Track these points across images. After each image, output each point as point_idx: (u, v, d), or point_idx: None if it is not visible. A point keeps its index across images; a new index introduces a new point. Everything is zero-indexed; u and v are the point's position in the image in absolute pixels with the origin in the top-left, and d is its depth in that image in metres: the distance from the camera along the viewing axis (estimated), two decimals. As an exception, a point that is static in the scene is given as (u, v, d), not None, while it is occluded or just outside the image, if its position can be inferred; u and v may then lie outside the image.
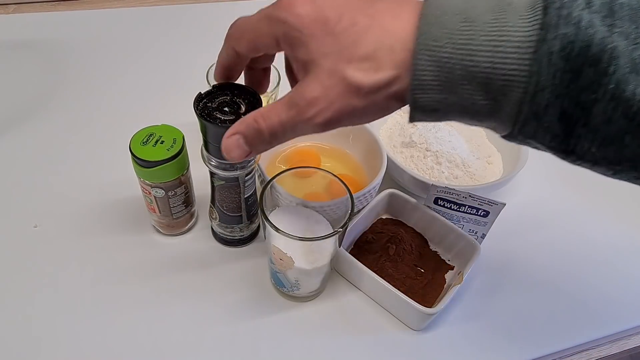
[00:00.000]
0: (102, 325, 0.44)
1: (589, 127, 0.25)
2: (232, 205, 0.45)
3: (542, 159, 0.61)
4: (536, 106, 0.25)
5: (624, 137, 0.25)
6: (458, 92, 0.27)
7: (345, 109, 0.29)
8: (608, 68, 0.23)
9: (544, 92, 0.24)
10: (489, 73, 0.25)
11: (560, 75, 0.24)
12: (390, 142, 0.59)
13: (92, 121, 0.62)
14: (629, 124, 0.24)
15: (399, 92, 0.28)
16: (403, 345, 0.45)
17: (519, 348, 0.46)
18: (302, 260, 0.41)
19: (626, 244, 0.56)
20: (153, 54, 0.73)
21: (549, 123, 0.25)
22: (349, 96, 0.28)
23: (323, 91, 0.29)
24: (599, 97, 0.24)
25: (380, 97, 0.28)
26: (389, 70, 0.27)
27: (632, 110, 0.24)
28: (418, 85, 0.27)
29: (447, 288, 0.48)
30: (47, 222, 0.51)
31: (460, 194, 0.47)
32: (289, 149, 0.56)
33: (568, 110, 0.25)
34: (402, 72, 0.27)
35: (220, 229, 0.49)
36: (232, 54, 0.34)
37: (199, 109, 0.36)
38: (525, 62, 0.24)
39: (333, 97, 0.29)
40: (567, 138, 0.26)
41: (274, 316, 0.46)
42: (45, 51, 0.71)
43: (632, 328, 0.49)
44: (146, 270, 0.48)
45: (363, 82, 0.28)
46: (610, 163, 0.26)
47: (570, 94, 0.24)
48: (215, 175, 0.43)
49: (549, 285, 0.51)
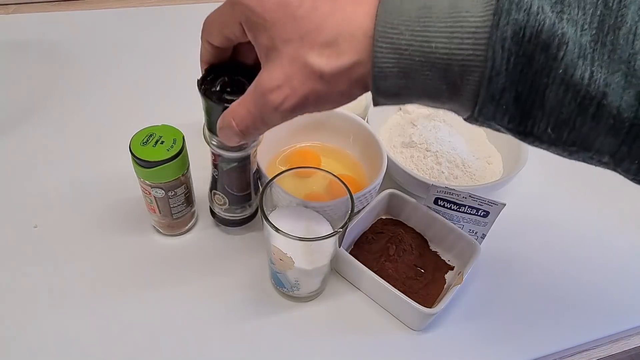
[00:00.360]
0: (102, 326, 0.44)
1: (544, 110, 0.26)
2: (242, 185, 0.45)
3: (542, 159, 0.61)
4: (492, 90, 0.26)
5: (575, 120, 0.25)
6: (418, 78, 0.27)
7: (309, 95, 0.29)
8: (558, 53, 0.24)
9: (499, 77, 0.25)
10: (447, 59, 0.26)
11: (514, 60, 0.25)
12: (390, 142, 0.59)
13: (92, 121, 0.62)
14: (578, 107, 0.25)
15: (360, 77, 0.29)
16: (403, 346, 0.45)
17: (519, 348, 0.46)
18: (302, 261, 0.41)
19: (626, 244, 0.56)
20: (153, 54, 0.73)
21: (506, 105, 0.26)
22: (311, 82, 0.29)
23: (285, 78, 0.29)
24: (550, 81, 0.25)
25: (343, 82, 0.29)
26: (350, 56, 0.28)
27: (580, 95, 0.24)
28: (379, 72, 0.28)
29: (447, 288, 0.48)
30: (47, 222, 0.51)
31: (460, 194, 0.47)
32: (289, 149, 0.56)
33: (523, 93, 0.26)
34: (363, 58, 0.28)
35: (229, 212, 0.48)
36: (209, 48, 0.34)
37: (203, 91, 0.36)
38: (481, 47, 0.25)
39: (296, 84, 0.29)
40: (523, 120, 0.27)
41: (274, 316, 0.46)
42: (45, 51, 0.71)
43: (632, 328, 0.49)
44: (146, 271, 0.48)
45: (325, 68, 0.28)
46: (565, 144, 0.27)
47: (524, 78, 0.25)
48: (223, 159, 0.42)
49: (549, 286, 0.51)
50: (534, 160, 0.55)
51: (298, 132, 0.56)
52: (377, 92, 0.29)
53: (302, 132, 0.56)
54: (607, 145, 0.26)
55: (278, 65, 0.29)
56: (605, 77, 0.24)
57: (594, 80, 0.24)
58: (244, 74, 0.37)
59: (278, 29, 0.29)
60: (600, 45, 0.24)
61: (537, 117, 0.26)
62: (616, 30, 0.24)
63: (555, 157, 0.29)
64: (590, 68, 0.24)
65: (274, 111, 0.31)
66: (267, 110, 0.31)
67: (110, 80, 0.68)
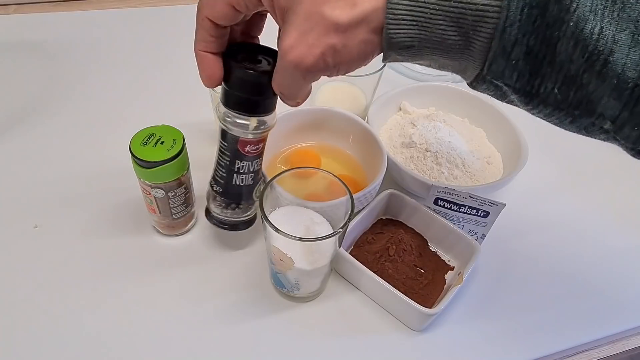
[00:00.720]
0: (102, 326, 0.44)
1: (554, 66, 0.26)
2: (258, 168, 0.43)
3: (542, 160, 0.61)
4: (505, 42, 0.26)
5: (582, 77, 0.26)
6: (431, 27, 0.27)
7: (325, 49, 0.29)
8: (571, 5, 0.24)
9: (512, 28, 0.25)
10: (461, 8, 0.26)
11: (528, 10, 0.25)
12: (390, 142, 0.59)
13: (92, 121, 0.62)
14: (586, 62, 0.25)
15: (377, 27, 0.28)
16: (403, 346, 0.45)
17: (519, 348, 0.46)
18: (302, 261, 0.41)
19: (626, 244, 0.56)
20: (153, 54, 0.73)
21: (516, 60, 0.26)
22: (327, 35, 0.29)
23: (301, 35, 0.29)
24: (562, 34, 0.25)
25: (359, 33, 0.29)
26: (365, 4, 0.28)
27: (588, 49, 0.25)
28: (393, 20, 0.27)
29: (447, 288, 0.48)
30: (47, 222, 0.51)
31: (460, 195, 0.47)
32: (289, 149, 0.56)
33: (535, 47, 0.26)
34: (378, 6, 0.28)
35: (234, 212, 0.46)
36: (208, 27, 0.33)
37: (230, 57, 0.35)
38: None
39: (311, 40, 0.29)
40: (532, 77, 0.27)
41: (274, 316, 0.46)
42: (45, 51, 0.71)
43: (632, 328, 0.49)
44: (146, 271, 0.48)
45: (340, 18, 0.28)
46: (570, 106, 0.27)
47: (536, 30, 0.25)
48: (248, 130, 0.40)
49: (548, 286, 0.51)
50: (534, 160, 0.55)
51: (298, 132, 0.56)
52: (389, 43, 0.29)
53: (302, 132, 0.56)
54: (609, 108, 0.26)
55: (294, 24, 0.29)
56: (614, 34, 0.24)
57: (603, 35, 0.24)
58: (262, 53, 0.36)
59: None
60: (611, 3, 0.24)
61: (546, 74, 0.26)
62: None
63: (555, 158, 0.29)
64: (600, 24, 0.24)
65: (294, 70, 0.30)
66: (289, 71, 0.31)
67: (110, 80, 0.68)
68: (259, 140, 0.41)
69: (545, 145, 0.57)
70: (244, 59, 0.36)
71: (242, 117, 0.38)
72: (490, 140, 0.61)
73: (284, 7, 0.30)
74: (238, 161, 0.41)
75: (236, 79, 0.36)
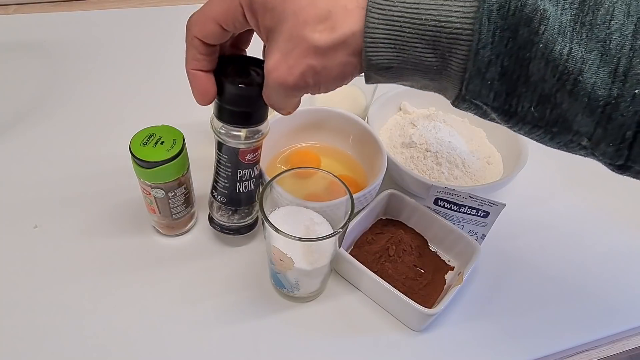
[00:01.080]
0: (102, 326, 0.44)
1: (528, 85, 0.27)
2: (258, 173, 0.45)
3: (542, 160, 0.61)
4: (479, 63, 0.27)
5: (555, 96, 0.26)
6: (408, 50, 0.28)
7: (305, 70, 0.30)
8: (539, 27, 0.25)
9: (486, 50, 0.26)
10: (436, 31, 0.27)
11: (499, 33, 0.26)
12: (390, 142, 0.59)
13: (92, 122, 0.62)
14: (557, 82, 0.26)
15: (356, 50, 0.29)
16: (403, 346, 0.45)
17: (519, 348, 0.46)
18: (302, 261, 0.41)
19: (626, 244, 0.56)
20: (153, 54, 0.73)
21: (491, 80, 0.27)
22: (307, 56, 0.30)
23: (282, 56, 0.30)
24: (533, 55, 0.26)
25: (339, 55, 0.30)
26: (344, 28, 0.29)
27: (559, 70, 0.25)
28: (371, 43, 0.28)
29: (447, 289, 0.48)
30: (47, 222, 0.51)
31: (460, 195, 0.47)
32: (289, 149, 0.56)
33: (509, 67, 0.27)
34: (357, 30, 0.29)
35: (242, 216, 0.47)
36: (198, 45, 0.34)
37: (218, 74, 0.36)
38: (469, 20, 0.26)
39: (292, 61, 0.30)
40: (509, 97, 0.28)
41: (273, 317, 0.46)
42: (45, 51, 0.71)
43: (632, 329, 0.49)
44: (146, 271, 0.48)
45: (320, 42, 0.29)
46: (547, 124, 0.28)
47: (509, 52, 0.26)
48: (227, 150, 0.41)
49: (548, 286, 0.51)
50: (534, 161, 0.55)
51: (298, 132, 0.56)
52: (368, 65, 0.29)
53: (302, 132, 0.56)
54: (584, 125, 0.27)
55: (277, 44, 0.30)
56: (583, 54, 0.25)
57: (572, 56, 0.25)
58: (253, 64, 0.37)
59: (276, 8, 0.29)
60: (579, 24, 0.25)
61: (522, 93, 0.27)
62: (595, 11, 0.25)
63: (555, 158, 0.29)
64: (569, 45, 0.25)
65: (278, 88, 0.32)
66: (274, 88, 0.32)
67: (110, 80, 0.68)
68: (257, 147, 0.42)
69: (545, 145, 0.56)
70: (235, 72, 0.37)
71: (237, 129, 0.40)
72: (490, 140, 0.61)
73: (268, 28, 0.31)
74: (240, 170, 0.43)
75: (229, 94, 0.37)
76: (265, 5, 0.30)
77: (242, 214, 0.47)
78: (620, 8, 0.25)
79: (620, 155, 0.27)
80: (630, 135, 0.26)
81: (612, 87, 0.25)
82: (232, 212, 0.47)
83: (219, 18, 0.32)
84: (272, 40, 0.31)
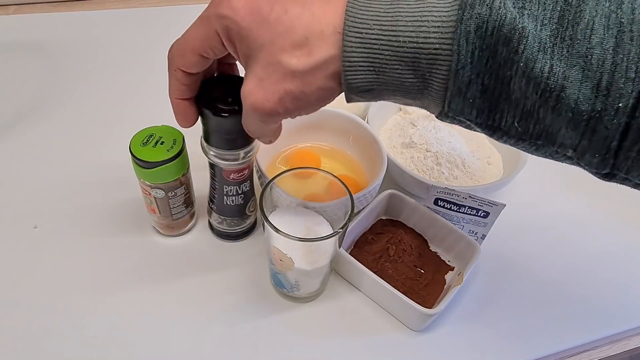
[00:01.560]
0: (102, 326, 0.44)
1: (510, 102, 0.27)
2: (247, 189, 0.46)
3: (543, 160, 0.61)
4: (459, 83, 0.26)
5: (538, 111, 0.26)
6: (388, 72, 0.28)
7: (283, 96, 0.30)
8: (518, 47, 0.25)
9: (465, 70, 0.26)
10: (414, 53, 0.27)
11: (478, 53, 0.26)
12: (390, 142, 0.59)
13: (92, 122, 0.62)
14: (539, 99, 0.26)
15: (334, 73, 0.29)
16: (403, 346, 0.45)
17: (519, 349, 0.46)
18: (302, 261, 0.41)
19: (626, 244, 0.56)
20: (153, 54, 0.72)
21: (473, 99, 0.27)
22: (285, 82, 0.29)
23: (259, 82, 0.30)
24: (513, 73, 0.25)
25: (317, 79, 0.29)
26: (321, 53, 0.28)
27: (540, 87, 0.25)
28: (349, 67, 0.28)
29: (447, 289, 0.48)
30: (47, 222, 0.51)
31: (460, 195, 0.47)
32: (289, 149, 0.56)
33: (490, 85, 0.26)
34: (334, 54, 0.28)
35: (229, 226, 0.49)
36: (181, 76, 0.34)
37: (200, 101, 0.37)
38: (447, 41, 0.26)
39: (269, 86, 0.30)
40: (491, 113, 0.27)
41: (273, 317, 0.46)
42: (45, 52, 0.71)
43: (632, 329, 0.49)
44: (146, 271, 0.48)
45: (297, 67, 0.29)
46: (531, 138, 0.28)
47: (489, 70, 0.26)
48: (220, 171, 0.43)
49: (549, 286, 0.51)
50: (534, 161, 0.55)
51: (298, 133, 0.56)
52: (348, 88, 0.29)
53: (302, 133, 0.56)
54: (569, 138, 0.27)
55: (253, 71, 0.30)
56: (564, 70, 0.25)
57: (554, 73, 0.25)
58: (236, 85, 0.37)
59: (253, 35, 0.29)
60: (559, 40, 0.25)
61: (504, 109, 0.27)
62: (575, 26, 0.25)
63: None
64: (550, 61, 0.25)
65: (254, 114, 0.32)
66: (250, 114, 0.32)
67: (110, 80, 0.68)
68: (242, 168, 0.42)
69: (545, 145, 0.57)
70: (218, 96, 0.37)
71: (216, 150, 0.40)
72: (490, 140, 0.61)
73: (246, 55, 0.31)
74: (225, 186, 0.44)
75: (208, 120, 0.38)
76: (240, 32, 0.30)
77: (232, 223, 0.48)
78: (600, 21, 0.25)
79: (606, 165, 0.27)
80: (615, 146, 0.26)
81: (596, 102, 0.25)
82: (222, 220, 0.48)
83: (197, 48, 0.32)
84: (250, 66, 0.31)
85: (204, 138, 0.41)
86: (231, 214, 0.47)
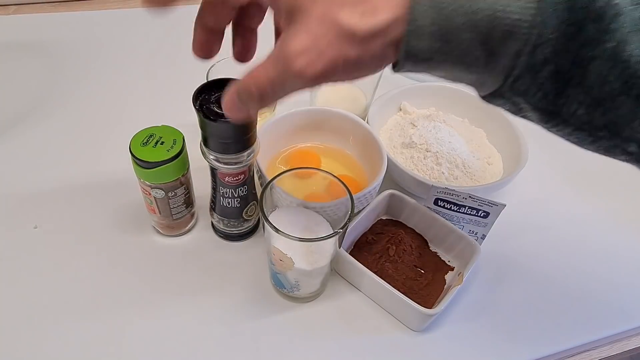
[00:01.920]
0: (102, 326, 0.44)
1: (582, 87, 0.24)
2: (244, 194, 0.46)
3: (542, 160, 0.61)
4: (534, 60, 0.24)
5: (616, 99, 0.24)
6: (456, 40, 0.25)
7: (337, 59, 0.26)
8: (610, 25, 0.22)
9: (544, 46, 0.23)
10: (491, 21, 0.24)
11: (564, 28, 0.23)
12: (390, 142, 0.59)
13: (92, 122, 0.62)
14: (622, 86, 0.23)
15: (396, 39, 0.26)
16: (403, 346, 0.45)
17: (519, 349, 0.46)
18: (302, 261, 0.41)
19: (626, 244, 0.56)
20: (153, 54, 0.73)
21: (542, 80, 0.25)
22: (341, 44, 0.25)
23: (312, 40, 0.26)
24: (597, 54, 0.23)
25: (377, 44, 0.26)
26: (386, 13, 0.25)
27: (627, 72, 0.23)
28: (414, 31, 0.25)
29: (447, 289, 0.48)
30: (47, 222, 0.51)
31: (460, 195, 0.47)
32: (289, 149, 0.56)
33: (564, 67, 0.24)
34: (400, 15, 0.25)
35: (228, 226, 0.49)
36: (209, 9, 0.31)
37: (199, 106, 0.37)
38: (530, 11, 0.23)
39: (323, 47, 0.25)
40: (557, 97, 0.25)
41: (273, 317, 0.46)
42: (45, 52, 0.71)
43: (633, 329, 0.49)
44: (146, 271, 0.48)
45: (358, 27, 0.25)
46: (593, 128, 0.25)
47: (569, 49, 0.23)
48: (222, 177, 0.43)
49: (549, 286, 0.51)
50: (534, 161, 0.55)
51: (298, 133, 0.56)
52: (407, 55, 0.26)
53: (302, 133, 0.56)
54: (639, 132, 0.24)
55: (304, 26, 0.26)
56: None
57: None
58: None
59: None
60: None
61: (572, 94, 0.24)
62: None
63: (555, 158, 0.29)
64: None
65: (296, 77, 0.27)
66: (289, 76, 0.27)
67: (110, 80, 0.68)
68: (239, 172, 0.43)
69: (545, 145, 0.56)
70: (215, 101, 0.37)
71: (218, 155, 0.41)
72: (490, 140, 0.61)
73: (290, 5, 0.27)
74: (221, 188, 0.44)
75: (208, 127, 0.38)
76: None
77: (230, 224, 0.48)
78: None
79: None
80: None
81: None
82: (219, 220, 0.48)
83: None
84: (297, 20, 0.26)
85: (203, 141, 0.41)
86: (229, 215, 0.47)
